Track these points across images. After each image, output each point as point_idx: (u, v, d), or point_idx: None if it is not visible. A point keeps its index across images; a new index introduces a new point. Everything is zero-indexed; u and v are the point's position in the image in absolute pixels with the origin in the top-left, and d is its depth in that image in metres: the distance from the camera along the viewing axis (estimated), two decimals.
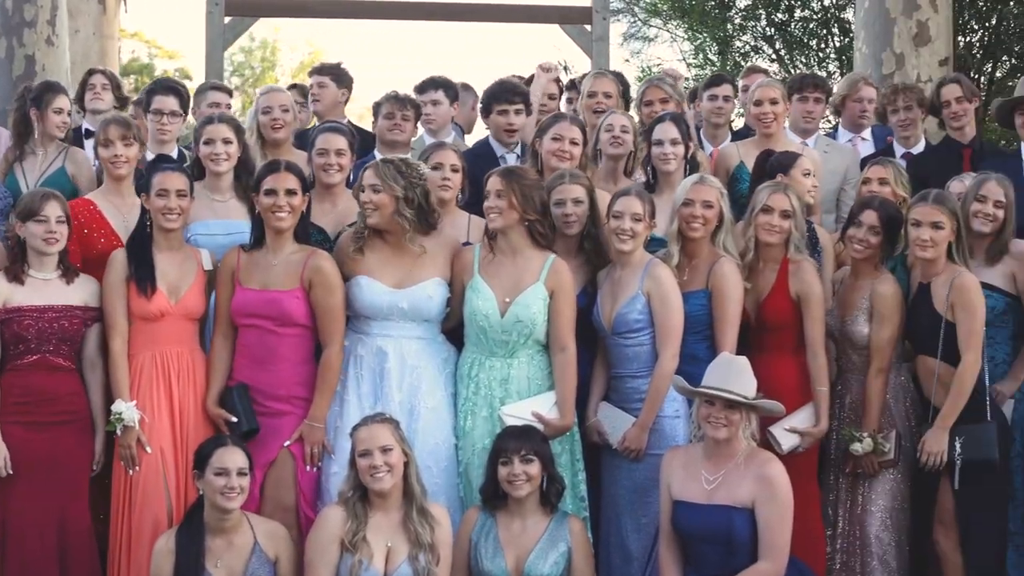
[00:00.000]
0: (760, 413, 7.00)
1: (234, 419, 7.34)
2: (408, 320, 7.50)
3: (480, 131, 10.15)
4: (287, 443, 7.32)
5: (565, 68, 16.47)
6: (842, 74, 15.27)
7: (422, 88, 9.97)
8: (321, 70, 10.57)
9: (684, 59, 17.69)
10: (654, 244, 7.81)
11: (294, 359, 7.45)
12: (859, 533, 7.73)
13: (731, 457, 6.91)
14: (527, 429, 7.18)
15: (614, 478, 7.63)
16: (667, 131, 8.35)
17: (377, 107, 9.58)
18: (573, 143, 8.36)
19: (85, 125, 10.03)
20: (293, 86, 11.32)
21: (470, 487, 7.41)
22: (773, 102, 9.16)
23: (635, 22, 18.41)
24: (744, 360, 7.05)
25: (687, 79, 15.94)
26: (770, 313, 7.67)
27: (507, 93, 9.40)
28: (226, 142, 8.02)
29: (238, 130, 8.19)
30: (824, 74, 15.47)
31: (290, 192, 7.38)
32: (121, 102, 10.17)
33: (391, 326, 7.50)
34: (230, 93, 10.38)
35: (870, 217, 7.72)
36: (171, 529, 7.04)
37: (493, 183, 7.46)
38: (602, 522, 7.66)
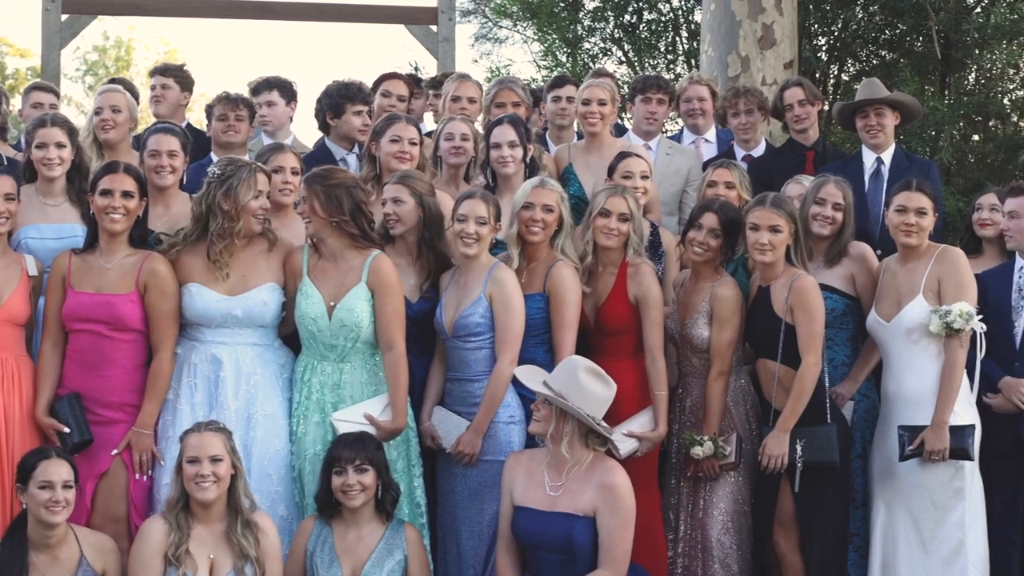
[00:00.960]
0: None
1: (66, 429, 7.14)
2: (243, 327, 7.37)
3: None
4: (115, 451, 7.14)
5: (416, 69, 16.42)
6: None
7: (256, 89, 9.87)
8: (164, 71, 10.37)
9: (534, 61, 17.63)
10: (497, 248, 7.75)
11: (127, 365, 7.29)
12: (700, 536, 7.73)
13: (575, 463, 6.85)
14: (361, 437, 7.07)
15: (450, 483, 7.58)
16: (505, 134, 8.28)
17: (210, 109, 9.43)
18: (412, 143, 8.27)
19: None
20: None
21: (303, 493, 7.29)
22: (601, 103, 9.06)
23: (486, 23, 18.36)
24: (591, 365, 6.99)
25: (536, 80, 15.93)
26: (609, 317, 7.65)
27: (362, 94, 9.31)
28: (59, 146, 7.78)
29: (71, 132, 7.93)
30: (672, 76, 15.49)
31: (126, 194, 7.22)
32: None
33: (226, 333, 7.36)
34: (57, 94, 10.10)
35: (710, 220, 7.71)
36: None
37: (301, 189, 7.40)
38: (439, 528, 7.61)
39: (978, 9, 13.11)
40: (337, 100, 9.36)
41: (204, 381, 7.32)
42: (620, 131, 10.19)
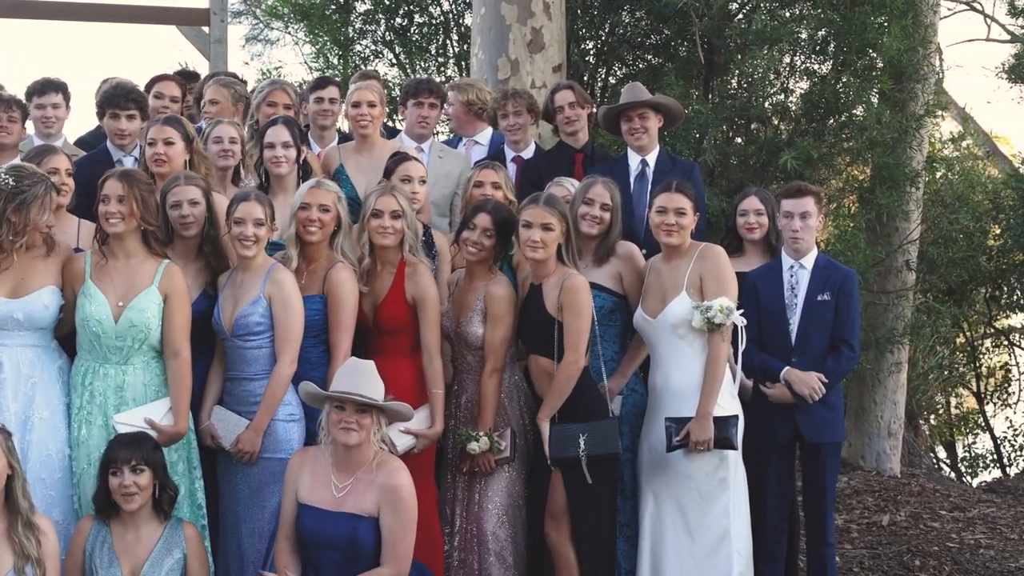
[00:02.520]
0: (390, 416, 7.07)
1: None
2: (23, 329, 7.29)
3: None
4: None
5: (184, 68, 16.25)
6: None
7: (41, 90, 9.68)
8: None
9: (305, 63, 17.63)
10: (271, 248, 7.78)
11: None
12: (476, 530, 7.90)
13: (361, 464, 6.97)
14: (138, 437, 7.07)
15: (230, 482, 7.62)
16: (279, 134, 8.39)
17: None
18: (168, 143, 8.17)
19: None
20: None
21: (85, 497, 7.21)
22: (370, 104, 9.24)
23: (257, 24, 18.26)
24: (372, 364, 7.08)
25: (307, 82, 15.90)
26: (386, 316, 7.78)
27: (120, 98, 9.18)
28: None
29: None
30: (444, 79, 15.63)
31: None
32: None
33: (5, 335, 7.28)
34: None
35: (484, 220, 7.89)
36: None
37: (113, 187, 7.32)
38: (220, 526, 7.63)
39: (740, 16, 13.45)
40: (100, 104, 9.33)
41: None
42: (392, 133, 10.30)
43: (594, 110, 10.49)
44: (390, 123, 11.81)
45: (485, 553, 7.88)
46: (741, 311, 7.80)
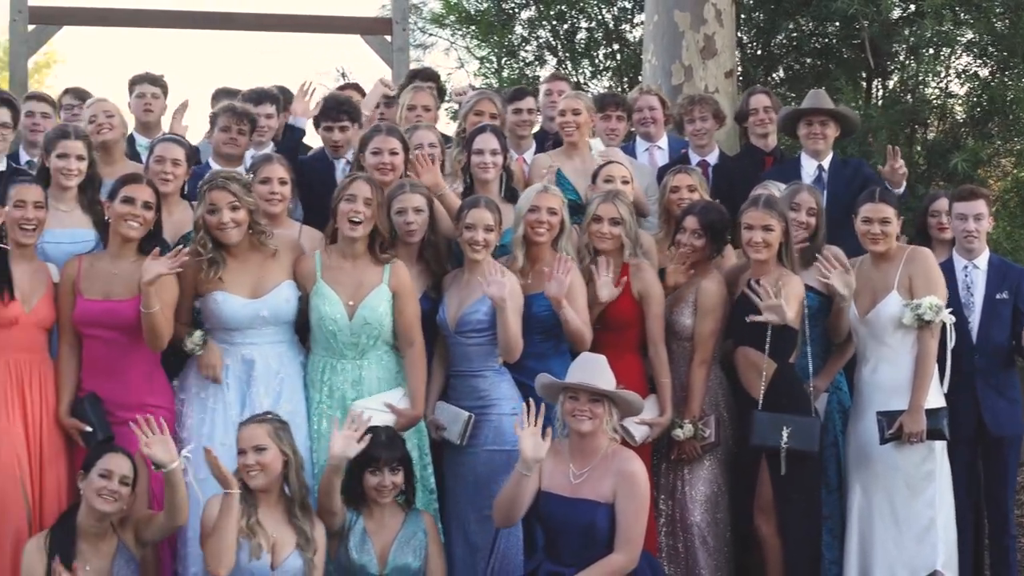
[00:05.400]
0: (620, 407, 7.32)
1: (88, 429, 7.41)
2: (270, 326, 7.67)
3: None
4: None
5: (343, 75, 16.60)
6: (626, 84, 15.74)
7: (257, 99, 9.97)
8: (153, 80, 10.54)
9: (462, 66, 17.92)
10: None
11: (139, 368, 7.57)
12: (680, 516, 8.19)
13: (596, 452, 7.23)
14: (393, 438, 7.42)
15: (456, 474, 7.92)
16: (488, 142, 8.66)
17: (214, 117, 9.52)
18: (392, 153, 8.45)
19: None
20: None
21: None
22: (575, 112, 9.50)
23: (414, 31, 18.59)
24: (603, 358, 7.36)
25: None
26: (615, 313, 8.07)
27: (332, 111, 9.57)
28: (79, 158, 8.10)
29: (90, 146, 8.25)
30: (607, 84, 15.92)
31: (146, 205, 7.53)
32: None
33: (254, 334, 7.66)
34: (52, 104, 10.28)
35: (692, 222, 8.24)
36: (43, 531, 7.07)
37: (361, 189, 7.71)
38: (446, 518, 7.91)
39: (904, 19, 13.60)
40: (317, 118, 9.69)
41: (236, 381, 7.61)
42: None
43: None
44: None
45: (690, 539, 8.15)
46: (950, 309, 8.06)
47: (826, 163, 9.69)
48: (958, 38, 13.15)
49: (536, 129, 10.58)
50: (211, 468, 6.89)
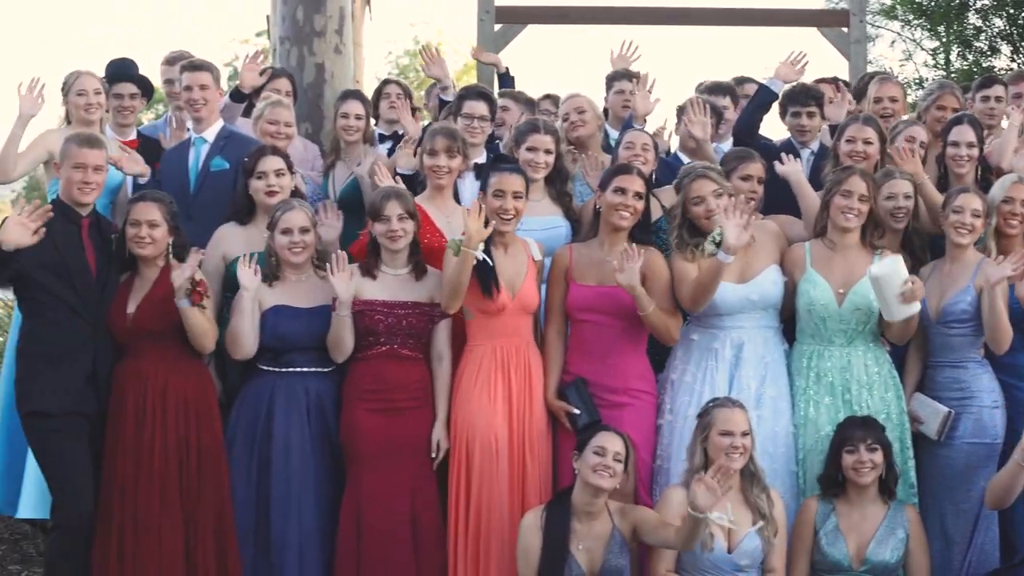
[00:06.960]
0: None
1: (576, 411, 7.61)
2: (758, 309, 7.80)
3: None
4: None
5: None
6: None
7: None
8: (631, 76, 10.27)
9: (910, 58, 17.68)
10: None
11: (630, 352, 7.74)
12: None
13: None
14: (868, 419, 7.45)
15: (933, 466, 7.82)
16: (964, 134, 8.57)
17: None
18: (867, 143, 8.49)
19: (378, 131, 10.28)
20: None
21: (811, 473, 7.62)
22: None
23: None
24: None
25: (924, 79, 15.96)
26: None
27: (801, 96, 9.68)
28: (547, 152, 8.35)
29: (558, 141, 8.52)
30: None
31: (637, 195, 7.69)
32: (412, 112, 10.08)
33: (743, 318, 7.78)
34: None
35: None
36: (538, 507, 7.31)
37: (857, 185, 7.79)
38: (922, 508, 7.79)
39: None
40: (782, 101, 9.76)
41: (725, 364, 7.73)
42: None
43: None
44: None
45: None
46: None
47: None
48: None
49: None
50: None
